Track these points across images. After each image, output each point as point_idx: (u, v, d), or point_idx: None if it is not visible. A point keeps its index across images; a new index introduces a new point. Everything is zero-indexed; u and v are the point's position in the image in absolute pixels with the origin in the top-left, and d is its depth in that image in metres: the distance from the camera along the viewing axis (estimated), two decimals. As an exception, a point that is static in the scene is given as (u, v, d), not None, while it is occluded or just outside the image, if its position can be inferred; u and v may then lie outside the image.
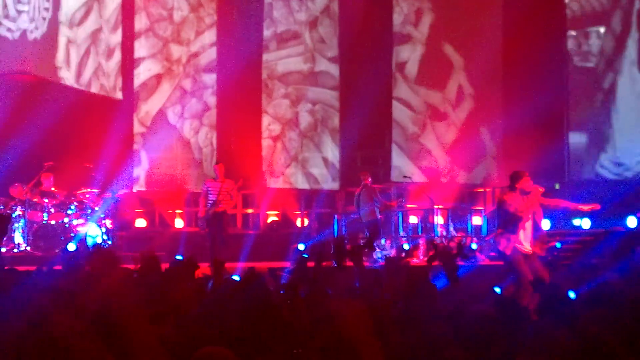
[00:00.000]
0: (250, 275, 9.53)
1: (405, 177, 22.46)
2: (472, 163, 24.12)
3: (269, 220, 22.99)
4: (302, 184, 23.96)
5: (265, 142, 23.80)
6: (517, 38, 23.56)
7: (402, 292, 8.61)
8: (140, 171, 22.74)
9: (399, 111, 24.17)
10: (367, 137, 23.92)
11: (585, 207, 13.90)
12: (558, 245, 18.78)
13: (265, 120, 23.83)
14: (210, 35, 23.36)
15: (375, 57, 24.34)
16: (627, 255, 15.36)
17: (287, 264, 16.71)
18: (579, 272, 13.21)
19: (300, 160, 23.99)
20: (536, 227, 13.19)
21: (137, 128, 22.72)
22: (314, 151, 24.12)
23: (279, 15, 24.03)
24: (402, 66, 24.36)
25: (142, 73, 22.82)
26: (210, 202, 18.04)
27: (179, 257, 16.65)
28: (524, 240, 13.06)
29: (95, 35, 21.77)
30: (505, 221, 13.20)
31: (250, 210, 23.22)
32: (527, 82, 23.12)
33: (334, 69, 24.39)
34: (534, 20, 23.42)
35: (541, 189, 13.25)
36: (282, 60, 23.99)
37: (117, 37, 22.29)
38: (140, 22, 22.76)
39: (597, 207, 13.77)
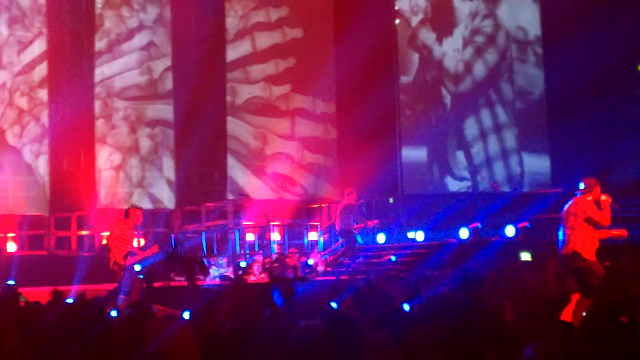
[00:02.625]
0: (85, 299, 9.36)
1: (240, 194, 22.44)
2: (310, 178, 24.16)
3: (104, 241, 22.59)
4: (141, 203, 23.58)
5: (108, 174, 23.23)
6: (348, 52, 23.83)
7: (235, 311, 8.60)
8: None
9: (237, 126, 23.82)
10: (203, 153, 23.63)
11: (615, 232, 13.52)
12: (393, 258, 19.04)
13: (106, 151, 23.30)
14: (40, 47, 22.74)
15: (209, 66, 23.86)
16: (459, 266, 15.70)
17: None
18: (413, 285, 13.43)
19: (142, 184, 23.59)
20: None
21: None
22: (155, 172, 23.75)
23: (111, 24, 23.60)
24: (238, 77, 24.06)
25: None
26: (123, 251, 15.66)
27: (10, 282, 16.30)
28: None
29: None
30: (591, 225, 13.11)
31: (85, 232, 22.77)
32: (360, 98, 23.39)
33: (170, 80, 24.05)
34: (364, 31, 23.73)
35: (608, 200, 13.16)
36: (119, 76, 23.53)
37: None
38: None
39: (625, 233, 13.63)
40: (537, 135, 24.97)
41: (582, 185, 13.44)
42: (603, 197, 13.31)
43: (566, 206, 13.41)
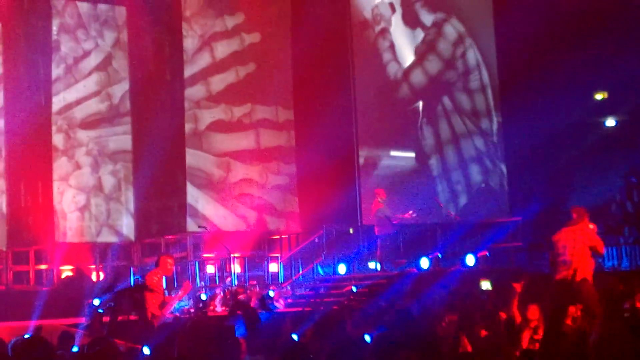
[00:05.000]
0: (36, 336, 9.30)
1: (200, 226, 22.32)
2: (275, 208, 24.07)
3: (63, 275, 22.38)
4: (105, 238, 23.36)
5: (74, 215, 23.05)
6: (306, 54, 23.97)
7: (195, 345, 8.57)
8: None
9: (200, 157, 23.60)
10: (162, 184, 23.44)
11: None
12: (354, 289, 19.05)
13: (70, 192, 23.14)
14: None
15: (168, 91, 23.70)
16: (419, 295, 15.76)
17: (82, 320, 16.41)
18: (374, 316, 13.46)
19: (107, 221, 23.40)
20: None
21: None
22: (118, 205, 23.56)
23: (67, 49, 23.39)
24: (198, 94, 23.80)
25: None
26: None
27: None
28: None
29: None
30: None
31: (43, 266, 22.51)
32: (318, 129, 23.49)
33: (128, 105, 23.78)
34: (321, 31, 23.85)
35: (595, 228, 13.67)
36: (79, 106, 23.28)
37: None
38: None
39: None
40: (495, 165, 25.15)
41: (576, 215, 13.58)
42: (591, 226, 13.52)
43: (561, 235, 13.45)
